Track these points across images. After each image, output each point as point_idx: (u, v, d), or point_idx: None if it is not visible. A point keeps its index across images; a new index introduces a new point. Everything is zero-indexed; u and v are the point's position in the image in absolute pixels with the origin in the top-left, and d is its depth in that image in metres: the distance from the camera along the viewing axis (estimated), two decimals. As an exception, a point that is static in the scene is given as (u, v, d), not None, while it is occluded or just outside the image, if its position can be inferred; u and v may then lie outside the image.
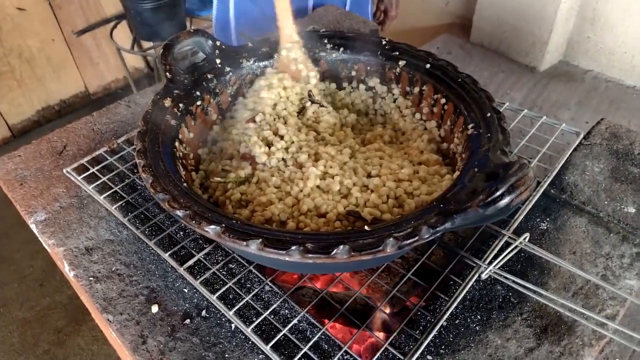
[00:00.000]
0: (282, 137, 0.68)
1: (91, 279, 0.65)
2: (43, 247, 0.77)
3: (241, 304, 0.60)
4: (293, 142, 0.68)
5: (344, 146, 0.68)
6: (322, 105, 0.74)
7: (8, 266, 1.82)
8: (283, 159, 0.66)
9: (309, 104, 0.73)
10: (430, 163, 0.67)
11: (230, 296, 0.62)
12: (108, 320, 0.60)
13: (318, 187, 0.62)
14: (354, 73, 0.79)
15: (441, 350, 0.56)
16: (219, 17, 1.30)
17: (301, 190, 0.62)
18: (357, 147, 0.70)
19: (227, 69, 0.74)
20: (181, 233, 0.70)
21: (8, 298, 1.71)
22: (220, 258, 0.66)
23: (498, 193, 0.45)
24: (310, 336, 0.58)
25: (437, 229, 0.47)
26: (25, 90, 2.35)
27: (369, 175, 0.64)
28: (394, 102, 0.78)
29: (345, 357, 0.56)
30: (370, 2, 1.42)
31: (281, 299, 0.61)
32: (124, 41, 2.23)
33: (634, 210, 0.72)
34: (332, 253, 0.46)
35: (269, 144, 0.67)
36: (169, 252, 0.65)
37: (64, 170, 0.79)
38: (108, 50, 2.53)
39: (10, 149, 0.85)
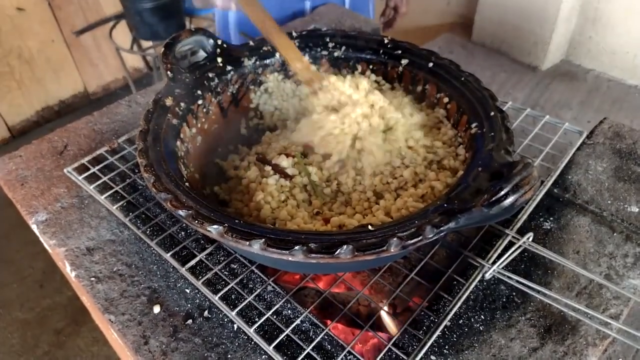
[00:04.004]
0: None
1: (92, 279, 0.64)
2: (43, 248, 0.76)
3: (243, 304, 0.60)
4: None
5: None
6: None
7: (8, 267, 1.81)
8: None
9: None
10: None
11: (233, 296, 0.62)
12: (110, 320, 0.60)
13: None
14: (356, 72, 0.79)
15: (445, 351, 0.56)
16: (221, 15, 1.30)
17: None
18: None
19: (229, 67, 0.74)
20: (182, 233, 0.69)
21: (8, 299, 1.71)
22: (222, 258, 0.66)
23: (502, 192, 0.45)
24: (313, 337, 0.58)
25: (441, 228, 0.46)
26: (24, 90, 2.35)
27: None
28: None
29: (348, 358, 0.55)
30: (372, 2, 1.41)
31: (284, 300, 0.61)
32: (124, 41, 2.22)
33: (637, 209, 0.71)
34: (336, 253, 0.45)
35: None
36: (170, 253, 0.65)
37: (65, 170, 0.79)
38: (107, 50, 2.52)
39: (10, 150, 0.85)
